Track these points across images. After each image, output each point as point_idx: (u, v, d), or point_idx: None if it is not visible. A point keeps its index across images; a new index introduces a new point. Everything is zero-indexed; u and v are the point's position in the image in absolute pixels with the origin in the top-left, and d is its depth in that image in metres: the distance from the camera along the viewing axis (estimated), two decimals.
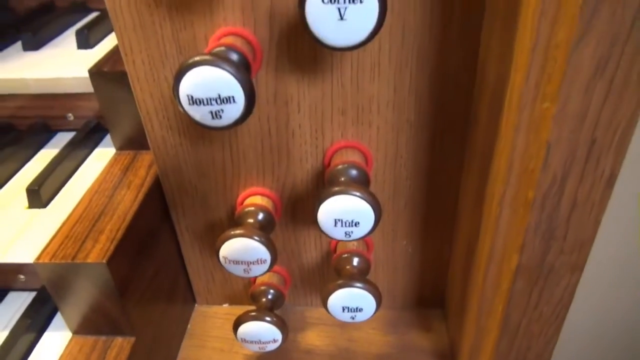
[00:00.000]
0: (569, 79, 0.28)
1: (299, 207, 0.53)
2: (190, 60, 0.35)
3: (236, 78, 0.35)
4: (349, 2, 0.32)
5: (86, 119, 0.60)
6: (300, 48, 0.42)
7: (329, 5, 0.32)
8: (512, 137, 0.33)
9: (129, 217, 0.46)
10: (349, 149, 0.47)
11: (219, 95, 0.35)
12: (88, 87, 0.52)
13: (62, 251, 0.42)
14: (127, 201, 0.48)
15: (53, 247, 0.43)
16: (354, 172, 0.45)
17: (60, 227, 0.45)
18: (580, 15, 0.26)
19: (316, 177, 0.50)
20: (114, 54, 0.54)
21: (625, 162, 0.32)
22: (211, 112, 0.36)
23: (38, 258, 0.42)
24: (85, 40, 0.56)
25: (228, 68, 0.35)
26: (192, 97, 0.36)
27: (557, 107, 0.30)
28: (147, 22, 0.42)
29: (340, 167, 0.45)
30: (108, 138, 0.59)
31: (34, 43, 0.57)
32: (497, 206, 0.37)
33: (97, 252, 0.42)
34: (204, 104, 0.36)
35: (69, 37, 0.60)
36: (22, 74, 0.52)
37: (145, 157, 0.54)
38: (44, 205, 0.49)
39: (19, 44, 0.59)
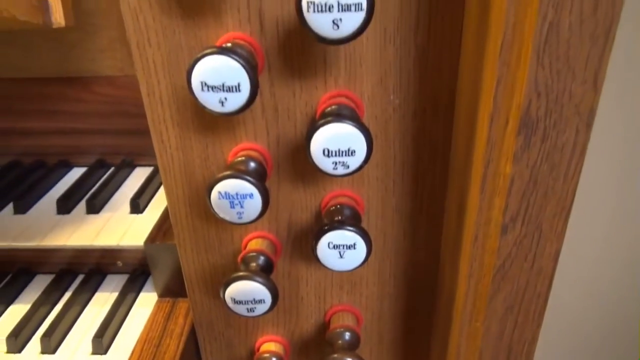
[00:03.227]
0: (489, 315, 0.43)
1: (304, 349, 0.66)
2: (234, 276, 0.50)
3: (266, 287, 0.50)
4: (346, 248, 0.47)
5: (132, 266, 0.74)
6: (309, 250, 0.57)
7: (334, 250, 0.47)
8: (458, 341, 0.47)
9: None
10: (344, 311, 0.62)
11: (254, 299, 0.50)
12: (139, 247, 0.67)
13: None
14: (171, 351, 0.61)
15: None
16: (347, 335, 0.59)
17: None
18: (493, 281, 0.42)
19: (318, 328, 0.64)
20: (162, 223, 0.69)
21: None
22: (247, 309, 0.51)
23: None
24: (137, 208, 0.72)
25: (261, 280, 0.49)
26: (234, 299, 0.50)
27: (483, 329, 0.44)
28: (198, 227, 0.57)
29: (338, 330, 0.59)
30: (150, 281, 0.73)
31: (95, 208, 0.73)
32: None
33: None
34: (242, 304, 0.50)
35: (123, 200, 0.75)
36: (88, 242, 0.67)
37: (182, 305, 0.68)
38: (105, 351, 0.62)
39: (82, 206, 0.74)
